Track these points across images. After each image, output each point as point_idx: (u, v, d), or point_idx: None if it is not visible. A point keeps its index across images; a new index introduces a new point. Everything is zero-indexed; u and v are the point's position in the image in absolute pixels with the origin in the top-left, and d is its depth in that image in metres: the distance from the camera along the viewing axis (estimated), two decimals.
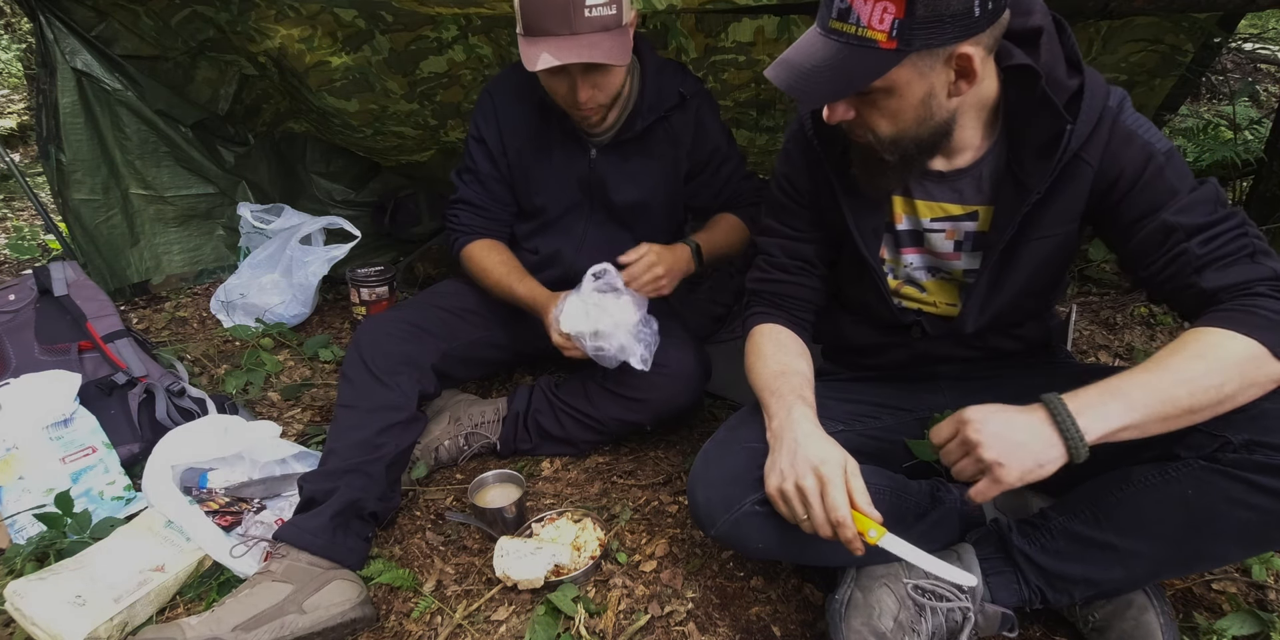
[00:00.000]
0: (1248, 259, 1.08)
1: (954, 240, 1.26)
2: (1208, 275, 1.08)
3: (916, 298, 1.35)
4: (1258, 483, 1.01)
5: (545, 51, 1.45)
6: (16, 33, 5.25)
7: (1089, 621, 1.24)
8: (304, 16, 2.17)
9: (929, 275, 1.33)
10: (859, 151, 1.17)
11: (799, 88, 1.04)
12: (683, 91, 1.73)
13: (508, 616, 1.39)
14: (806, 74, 1.03)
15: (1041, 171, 1.12)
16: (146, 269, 2.69)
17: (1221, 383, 0.99)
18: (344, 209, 2.98)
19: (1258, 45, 4.41)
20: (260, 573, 1.36)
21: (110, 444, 1.70)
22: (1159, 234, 1.11)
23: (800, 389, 1.24)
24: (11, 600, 1.33)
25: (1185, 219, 1.09)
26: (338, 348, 2.35)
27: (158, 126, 2.54)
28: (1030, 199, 1.14)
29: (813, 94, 1.05)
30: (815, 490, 1.09)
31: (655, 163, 1.78)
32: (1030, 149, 1.13)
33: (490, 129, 1.78)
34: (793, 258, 1.39)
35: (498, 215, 1.85)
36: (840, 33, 1.00)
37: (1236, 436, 1.04)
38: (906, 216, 1.28)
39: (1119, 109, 1.12)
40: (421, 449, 1.76)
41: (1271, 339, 1.00)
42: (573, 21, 1.44)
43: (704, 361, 1.77)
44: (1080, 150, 1.11)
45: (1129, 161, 1.11)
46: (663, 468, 1.79)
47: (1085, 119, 1.09)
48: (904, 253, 1.31)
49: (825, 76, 1.02)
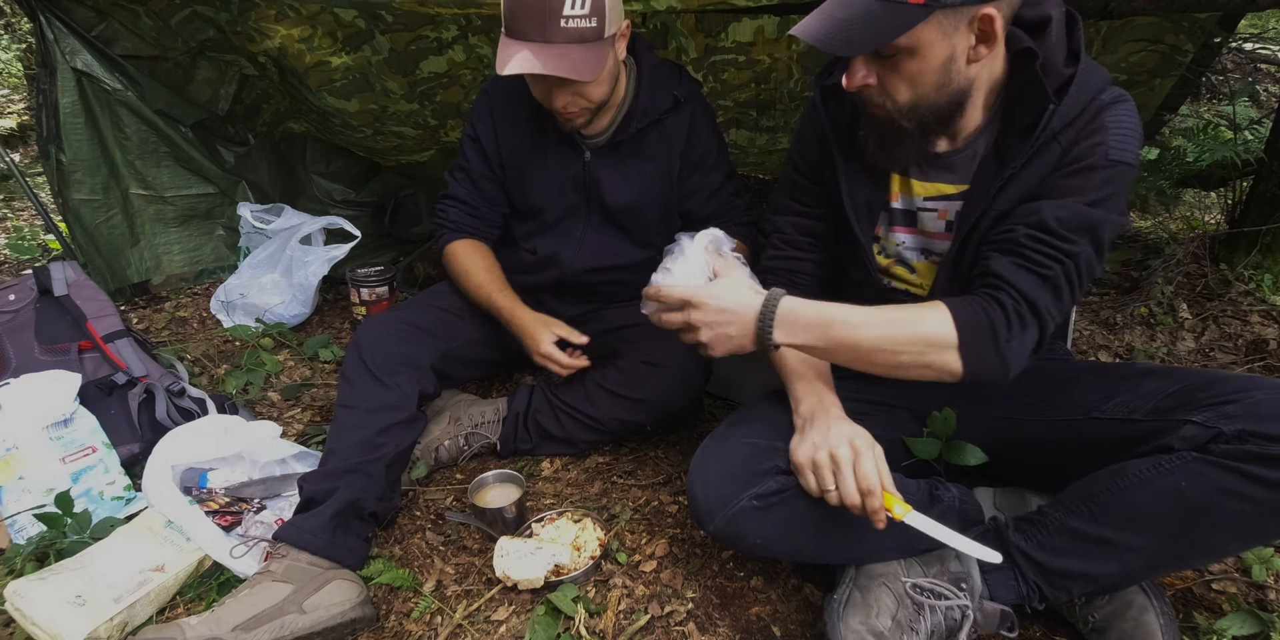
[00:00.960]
0: (1038, 277, 1.11)
1: (945, 220, 1.27)
2: (999, 261, 1.13)
3: (906, 279, 1.37)
4: (1251, 473, 1.02)
5: (515, 56, 1.45)
6: (16, 33, 5.24)
7: (1089, 622, 1.24)
8: (304, 16, 2.17)
9: (921, 257, 1.34)
10: (875, 124, 1.19)
11: (828, 37, 1.05)
12: (677, 94, 1.73)
13: (508, 616, 1.39)
14: (838, 25, 1.04)
15: (1021, 149, 1.14)
16: (146, 269, 2.69)
17: (899, 352, 1.11)
18: (344, 209, 2.98)
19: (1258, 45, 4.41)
20: (260, 573, 1.36)
21: (110, 444, 1.70)
22: (1025, 211, 1.14)
23: (826, 374, 1.31)
24: (11, 600, 1.33)
25: (1049, 214, 1.11)
26: (338, 348, 2.35)
27: (158, 126, 2.54)
28: (1005, 173, 1.16)
29: (841, 44, 1.05)
30: (849, 459, 1.13)
31: (649, 165, 1.78)
32: (1016, 128, 1.16)
33: (486, 128, 1.78)
34: (804, 234, 1.43)
35: (487, 214, 1.86)
36: None
37: (1229, 427, 1.04)
38: (902, 195, 1.30)
39: (1110, 105, 1.12)
40: (421, 449, 1.76)
41: (970, 339, 1.09)
42: (547, 29, 1.44)
43: (704, 362, 1.77)
44: (1060, 132, 1.12)
45: (1081, 148, 1.12)
46: (663, 468, 1.79)
47: (1070, 103, 1.11)
48: (896, 231, 1.33)
49: (857, 28, 1.03)
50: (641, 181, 1.79)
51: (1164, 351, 2.22)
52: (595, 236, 1.85)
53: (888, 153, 1.21)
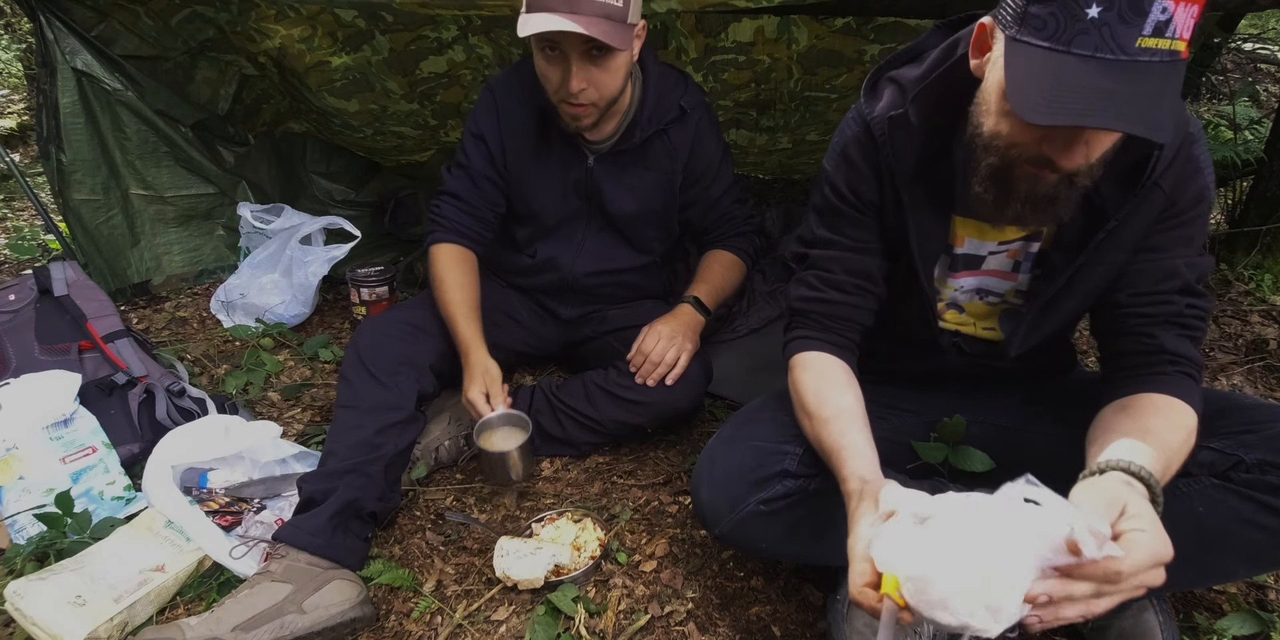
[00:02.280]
0: (1195, 341, 1.10)
1: (1015, 260, 1.21)
2: (1172, 337, 1.09)
3: (955, 320, 1.31)
4: (1269, 503, 1.02)
5: (541, 20, 1.40)
6: (16, 33, 5.24)
7: (1088, 621, 1.24)
8: (304, 16, 2.17)
9: (975, 297, 1.27)
10: (1038, 185, 0.99)
11: (1142, 120, 0.84)
12: (683, 105, 1.72)
13: (508, 616, 1.39)
14: (1148, 103, 0.84)
15: (1121, 197, 1.06)
16: (146, 269, 2.69)
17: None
18: (344, 209, 2.98)
19: (1258, 45, 4.41)
20: (260, 573, 1.36)
21: (110, 444, 1.70)
22: (1163, 273, 1.09)
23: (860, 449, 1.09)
24: (11, 600, 1.33)
25: (1189, 275, 1.09)
26: (338, 348, 2.35)
27: (158, 126, 2.54)
28: (1108, 226, 1.08)
29: (1159, 126, 0.85)
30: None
31: (652, 175, 1.77)
32: (1110, 172, 1.02)
33: (491, 126, 1.74)
34: (852, 274, 1.23)
35: (482, 214, 1.80)
36: (1154, 50, 0.83)
37: (1249, 456, 1.04)
38: (969, 239, 1.20)
39: (1196, 137, 1.07)
40: (421, 449, 1.76)
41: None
42: (574, 1, 1.40)
43: (705, 365, 1.78)
44: (1160, 177, 1.05)
45: (1189, 194, 1.07)
46: (663, 468, 1.79)
47: (1170, 145, 1.03)
48: (955, 276, 1.24)
49: (1165, 104, 0.84)
50: (643, 191, 1.78)
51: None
52: (595, 241, 1.85)
53: (1035, 215, 1.02)
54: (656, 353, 1.69)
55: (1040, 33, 0.86)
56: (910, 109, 1.10)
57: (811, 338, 1.25)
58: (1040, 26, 0.86)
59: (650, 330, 1.72)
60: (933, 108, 1.10)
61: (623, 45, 1.45)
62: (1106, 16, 0.82)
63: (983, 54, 0.99)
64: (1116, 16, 0.82)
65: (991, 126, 0.97)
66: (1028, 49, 0.87)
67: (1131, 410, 1.06)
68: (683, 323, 1.74)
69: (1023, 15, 0.88)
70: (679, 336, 1.71)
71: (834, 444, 1.08)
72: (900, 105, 1.11)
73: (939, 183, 1.14)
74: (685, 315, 1.76)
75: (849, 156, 1.19)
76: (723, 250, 1.89)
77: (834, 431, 1.10)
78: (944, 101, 1.08)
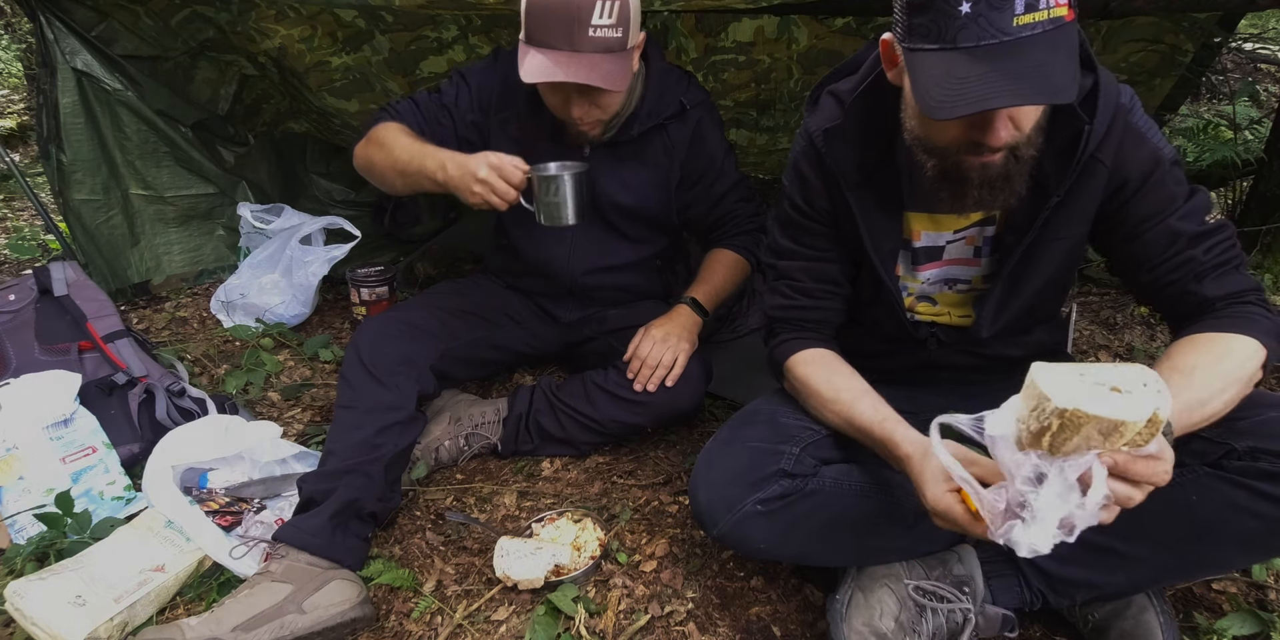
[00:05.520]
0: (1235, 270, 1.11)
1: (974, 246, 1.25)
2: (1208, 284, 1.10)
3: (929, 311, 1.34)
4: (1261, 490, 1.02)
5: (542, 64, 1.42)
6: (16, 33, 5.24)
7: (1088, 621, 1.24)
8: (304, 16, 2.17)
9: (945, 288, 1.31)
10: (988, 171, 1.05)
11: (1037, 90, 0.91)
12: (684, 101, 1.72)
13: (508, 616, 1.39)
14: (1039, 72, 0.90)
15: (1061, 173, 1.11)
16: (147, 269, 2.69)
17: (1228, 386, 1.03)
18: (344, 209, 2.97)
19: (1258, 45, 4.41)
20: (260, 573, 1.36)
21: (110, 444, 1.70)
22: (1163, 238, 1.11)
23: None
24: (11, 600, 1.33)
25: (1188, 226, 1.10)
26: (338, 348, 2.35)
27: (158, 126, 2.54)
28: (1051, 202, 1.12)
29: (1057, 90, 0.92)
30: None
31: (648, 170, 1.77)
32: (1051, 150, 1.09)
33: (488, 87, 1.69)
34: (818, 281, 1.33)
35: (435, 133, 1.68)
36: (1033, 24, 0.90)
37: (1240, 444, 1.04)
38: (925, 232, 1.26)
39: (1130, 107, 1.11)
40: (422, 449, 1.76)
41: (1270, 341, 1.05)
42: (575, 39, 1.42)
43: (705, 364, 1.77)
44: (1096, 150, 1.09)
45: (1138, 163, 1.10)
46: (663, 468, 1.79)
47: (1101, 118, 1.08)
48: (920, 270, 1.29)
49: (1058, 69, 0.91)
50: (638, 187, 1.78)
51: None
52: (589, 234, 1.83)
53: (994, 196, 1.07)
54: (652, 356, 1.68)
55: (927, 38, 0.94)
56: (846, 119, 1.17)
57: (798, 338, 1.33)
58: (925, 33, 0.94)
59: (645, 333, 1.71)
60: (868, 116, 1.16)
61: (623, 82, 1.47)
62: (978, 8, 0.90)
63: (894, 66, 1.07)
64: (987, 5, 0.89)
65: (918, 129, 1.07)
66: (922, 55, 0.96)
67: (1169, 353, 1.10)
68: (679, 324, 1.74)
69: (909, 27, 0.96)
70: (674, 338, 1.71)
71: (870, 418, 1.16)
72: (837, 117, 1.19)
73: (885, 183, 1.21)
74: (681, 316, 1.76)
75: (800, 170, 1.27)
76: (725, 249, 1.88)
77: (865, 408, 1.18)
78: (877, 108, 1.15)
